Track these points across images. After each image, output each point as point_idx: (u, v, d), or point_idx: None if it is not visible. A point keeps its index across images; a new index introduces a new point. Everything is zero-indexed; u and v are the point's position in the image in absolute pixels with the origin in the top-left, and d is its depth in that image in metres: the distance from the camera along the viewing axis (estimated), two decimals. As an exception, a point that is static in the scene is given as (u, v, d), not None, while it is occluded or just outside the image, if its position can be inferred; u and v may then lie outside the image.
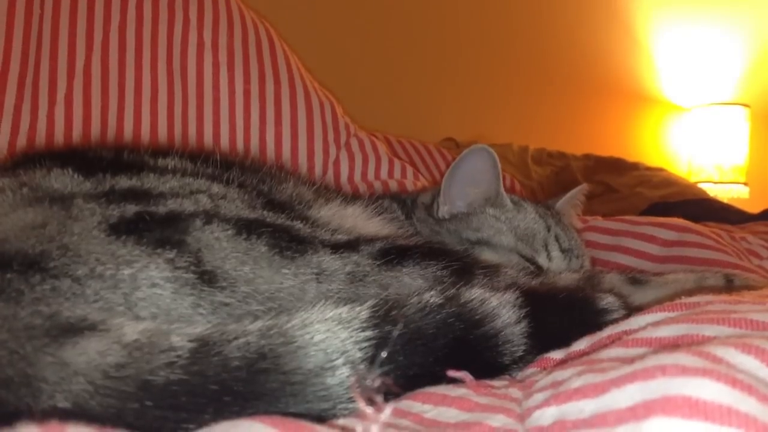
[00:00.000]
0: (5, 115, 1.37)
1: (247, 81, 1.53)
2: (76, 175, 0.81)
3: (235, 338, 0.57)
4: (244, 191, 0.87)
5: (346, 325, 0.59)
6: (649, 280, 1.06)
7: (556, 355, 0.65)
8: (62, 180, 0.80)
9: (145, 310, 0.64)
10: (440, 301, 0.63)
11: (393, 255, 0.81)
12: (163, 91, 1.47)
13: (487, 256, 1.23)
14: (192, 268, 0.68)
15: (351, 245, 0.81)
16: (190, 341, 0.56)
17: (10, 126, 1.37)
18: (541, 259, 1.24)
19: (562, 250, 1.26)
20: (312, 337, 0.57)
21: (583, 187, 1.38)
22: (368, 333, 0.58)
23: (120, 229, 0.70)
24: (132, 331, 0.57)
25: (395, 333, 0.57)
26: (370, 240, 0.84)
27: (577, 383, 0.50)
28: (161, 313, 0.64)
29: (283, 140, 1.51)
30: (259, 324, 0.59)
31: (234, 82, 1.52)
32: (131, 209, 0.74)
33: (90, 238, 0.69)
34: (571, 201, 1.38)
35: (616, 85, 4.12)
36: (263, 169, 1.07)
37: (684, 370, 0.44)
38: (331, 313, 0.60)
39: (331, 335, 0.58)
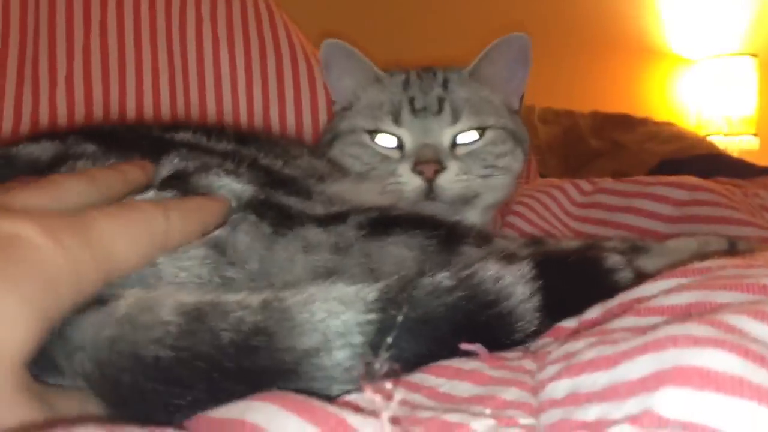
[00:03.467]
0: (7, 100, 1.37)
1: (248, 54, 1.52)
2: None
3: (231, 311, 0.56)
4: (252, 169, 0.88)
5: (349, 306, 0.58)
6: (650, 247, 1.04)
7: (569, 323, 0.65)
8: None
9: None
10: (452, 284, 0.61)
11: (380, 224, 0.81)
12: (163, 68, 1.47)
13: (335, 152, 1.24)
14: (213, 241, 0.70)
15: (340, 216, 0.81)
16: (181, 314, 0.56)
17: (12, 110, 1.37)
18: (386, 126, 1.20)
19: (414, 111, 1.19)
20: (312, 316, 0.57)
21: (516, 37, 1.27)
22: (372, 316, 0.57)
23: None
24: (126, 304, 0.58)
25: (399, 318, 0.57)
26: (361, 211, 0.83)
27: (589, 355, 0.50)
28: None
29: (287, 115, 1.50)
30: (260, 296, 0.58)
31: (235, 57, 1.51)
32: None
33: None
34: (499, 53, 1.27)
35: (621, 39, 4.08)
36: (278, 143, 1.08)
37: (695, 341, 0.43)
38: (335, 293, 0.59)
39: (331, 315, 0.57)
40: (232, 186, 0.79)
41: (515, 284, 0.64)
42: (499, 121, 1.24)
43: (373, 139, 1.21)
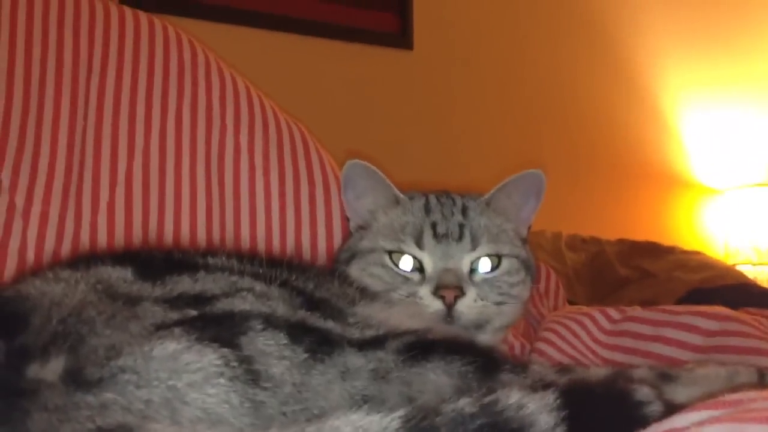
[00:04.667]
0: (50, 224, 1.41)
1: (282, 183, 1.56)
2: (138, 278, 0.85)
3: None
4: (284, 290, 0.90)
5: None
6: (679, 375, 1.03)
7: (602, 455, 0.65)
8: (128, 282, 0.84)
9: (189, 413, 0.65)
10: (475, 410, 0.61)
11: (418, 350, 0.81)
12: (201, 195, 1.51)
13: (354, 270, 1.26)
14: (243, 365, 0.70)
15: (378, 341, 0.82)
16: None
17: (55, 234, 1.40)
18: (409, 248, 1.24)
19: (436, 236, 1.24)
20: None
21: (533, 174, 1.31)
22: None
23: (176, 329, 0.73)
24: None
25: None
26: (398, 335, 0.84)
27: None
28: (204, 416, 0.65)
29: (318, 241, 1.53)
30: None
31: (270, 185, 1.55)
32: (190, 313, 0.78)
33: (146, 338, 0.72)
34: (515, 187, 1.32)
35: (647, 169, 4.13)
36: (310, 268, 1.11)
37: (729, 474, 0.44)
38: (361, 422, 0.59)
39: None
40: (260, 309, 0.81)
41: (539, 413, 0.64)
42: (513, 250, 1.28)
43: (392, 260, 1.25)
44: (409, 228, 1.26)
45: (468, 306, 1.19)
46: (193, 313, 0.79)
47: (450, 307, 1.17)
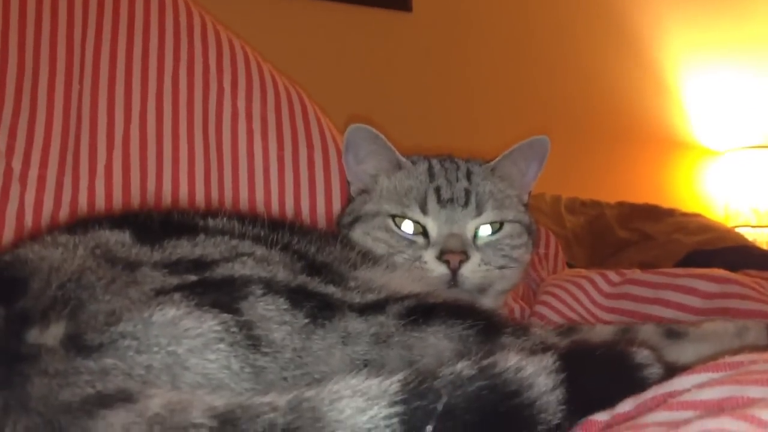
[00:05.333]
0: (48, 188, 1.40)
1: (280, 147, 1.55)
2: (137, 241, 0.85)
3: (262, 414, 0.57)
4: (285, 254, 0.89)
5: (374, 400, 0.58)
6: (687, 332, 1.04)
7: (601, 417, 0.65)
8: (127, 246, 0.84)
9: (189, 378, 0.65)
10: (473, 373, 0.62)
11: (419, 314, 0.81)
12: (199, 160, 1.50)
13: (357, 234, 1.27)
14: (244, 331, 0.70)
15: (379, 305, 0.82)
16: (213, 417, 0.57)
17: (53, 199, 1.40)
18: (413, 213, 1.24)
19: (440, 201, 1.24)
20: (339, 414, 0.57)
21: (539, 140, 1.32)
22: (396, 408, 0.58)
23: (176, 294, 0.73)
24: (156, 403, 0.58)
25: (438, 409, 0.57)
26: (398, 299, 0.84)
27: (623, 450, 0.50)
28: (204, 382, 0.65)
29: (317, 204, 1.53)
30: (287, 397, 0.59)
31: (268, 149, 1.54)
32: (190, 278, 0.78)
33: (146, 303, 0.71)
34: (521, 153, 1.33)
35: (647, 131, 4.11)
36: (311, 230, 1.10)
37: (730, 436, 0.44)
38: (360, 386, 0.60)
39: (358, 412, 0.58)
40: (260, 274, 0.80)
41: (537, 375, 0.64)
42: (517, 216, 1.29)
43: (396, 224, 1.25)
44: (413, 192, 1.26)
45: (472, 270, 1.19)
46: (193, 278, 0.78)
47: (454, 271, 1.18)
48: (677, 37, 4.19)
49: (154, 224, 0.93)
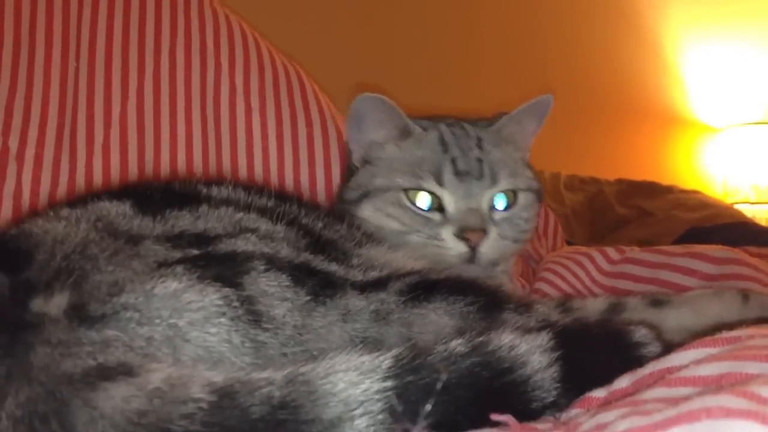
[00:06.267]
0: (45, 166, 1.40)
1: (279, 124, 1.55)
2: (139, 214, 0.85)
3: (259, 388, 0.58)
4: (291, 230, 0.89)
5: (368, 374, 0.59)
6: (670, 300, 1.05)
7: (599, 393, 0.65)
8: (128, 218, 0.84)
9: (190, 351, 0.66)
10: (466, 350, 0.62)
11: (420, 290, 0.81)
12: (197, 137, 1.50)
13: (367, 210, 1.20)
14: (245, 305, 0.70)
15: (381, 282, 0.82)
16: (212, 392, 0.58)
17: (50, 178, 1.40)
18: (429, 185, 1.17)
19: (458, 173, 1.17)
20: (333, 387, 0.58)
21: (544, 99, 1.28)
22: (389, 383, 0.59)
23: (178, 267, 0.73)
24: (157, 378, 0.59)
25: (438, 385, 0.58)
26: (401, 276, 0.84)
27: (622, 426, 0.50)
28: (205, 355, 0.66)
29: (317, 182, 1.53)
30: (284, 372, 0.59)
31: (267, 126, 1.54)
32: (192, 252, 0.78)
33: (148, 275, 0.72)
34: (526, 113, 1.28)
35: (646, 107, 4.10)
36: (317, 206, 1.10)
37: (728, 412, 0.44)
38: (354, 362, 0.60)
39: (351, 385, 0.58)
40: (263, 250, 0.80)
41: (531, 353, 0.64)
42: (529, 183, 1.25)
43: (409, 198, 1.18)
44: (427, 164, 1.19)
45: (491, 246, 1.15)
46: (195, 252, 0.78)
47: (474, 249, 1.14)
48: (677, 11, 4.17)
49: (155, 194, 0.93)
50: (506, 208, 1.20)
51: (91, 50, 1.51)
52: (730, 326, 0.66)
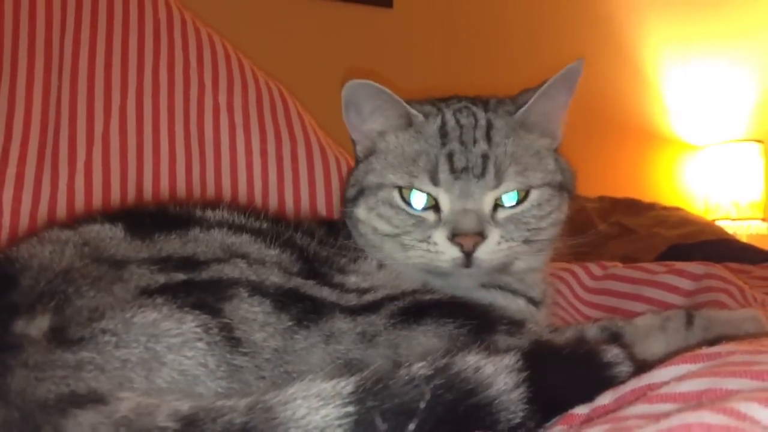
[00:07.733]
0: (26, 186, 1.39)
1: (263, 141, 1.55)
2: (128, 237, 0.85)
3: (222, 415, 0.59)
4: (285, 252, 0.89)
5: (327, 401, 0.60)
6: (624, 332, 1.03)
7: (581, 410, 0.65)
8: (117, 241, 0.85)
9: (165, 374, 0.66)
10: (429, 373, 0.62)
11: (411, 312, 0.81)
12: (180, 154, 1.50)
13: (361, 210, 1.11)
14: (223, 332, 0.71)
15: (374, 305, 0.82)
16: (177, 420, 0.59)
17: (31, 197, 1.39)
18: (422, 184, 1.05)
19: (454, 170, 1.04)
20: (293, 414, 0.59)
21: (575, 66, 1.20)
22: (349, 409, 0.59)
23: (159, 294, 0.74)
24: (125, 407, 0.60)
25: (421, 407, 0.58)
26: (395, 297, 0.85)
27: (603, 443, 0.50)
28: (180, 378, 0.67)
29: (302, 198, 1.53)
30: (246, 400, 0.60)
31: (251, 143, 1.54)
32: (178, 277, 0.78)
33: (128, 302, 0.72)
34: (555, 87, 1.19)
35: (627, 125, 4.12)
36: (309, 223, 1.10)
37: (709, 428, 0.44)
38: (316, 388, 0.61)
39: (312, 411, 0.59)
40: (249, 277, 0.80)
41: (497, 374, 0.64)
42: (545, 178, 1.12)
43: (403, 197, 1.07)
44: (423, 159, 1.07)
45: (490, 251, 1.03)
46: (181, 277, 0.78)
47: (468, 254, 1.02)
48: (657, 30, 4.21)
49: (147, 217, 0.93)
50: (515, 205, 1.08)
51: (73, 69, 1.51)
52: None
